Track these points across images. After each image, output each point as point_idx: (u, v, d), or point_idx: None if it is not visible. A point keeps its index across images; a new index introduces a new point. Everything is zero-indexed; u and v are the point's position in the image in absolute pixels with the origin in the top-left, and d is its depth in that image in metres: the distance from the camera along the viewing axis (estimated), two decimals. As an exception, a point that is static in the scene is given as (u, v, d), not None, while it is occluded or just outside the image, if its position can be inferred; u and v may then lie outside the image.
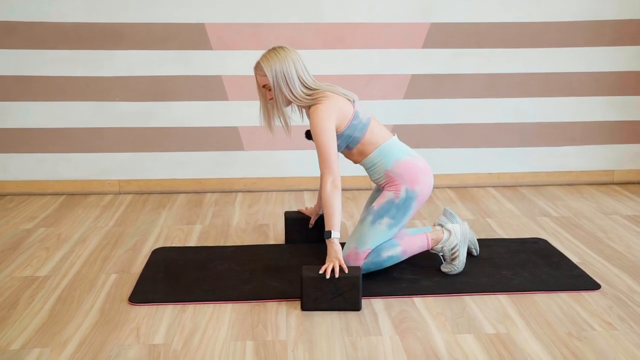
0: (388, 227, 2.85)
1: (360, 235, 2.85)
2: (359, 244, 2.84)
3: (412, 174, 2.85)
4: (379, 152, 2.88)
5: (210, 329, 2.48)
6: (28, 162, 4.27)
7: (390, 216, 2.84)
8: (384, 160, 2.88)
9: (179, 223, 3.72)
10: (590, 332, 2.43)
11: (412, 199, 2.85)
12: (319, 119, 2.76)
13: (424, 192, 2.88)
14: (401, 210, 2.85)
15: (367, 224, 2.85)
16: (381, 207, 2.85)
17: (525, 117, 4.37)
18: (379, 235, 2.84)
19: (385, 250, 2.86)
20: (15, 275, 2.99)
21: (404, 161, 2.87)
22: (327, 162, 2.75)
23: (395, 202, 2.84)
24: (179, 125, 4.27)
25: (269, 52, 2.83)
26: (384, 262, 2.87)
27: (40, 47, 4.12)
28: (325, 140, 2.75)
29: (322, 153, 2.75)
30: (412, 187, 2.84)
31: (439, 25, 4.22)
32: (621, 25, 4.27)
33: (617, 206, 3.97)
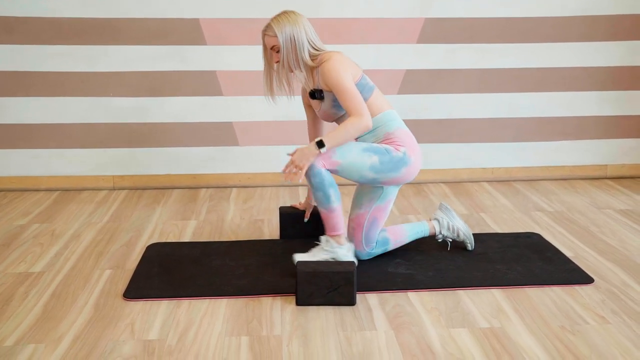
0: (370, 167, 2.81)
1: (346, 149, 2.79)
2: (339, 152, 2.78)
3: (413, 144, 2.90)
4: (384, 116, 2.91)
5: (205, 324, 2.48)
6: (22, 158, 4.25)
7: (381, 160, 2.82)
8: (389, 124, 2.90)
9: (174, 218, 3.72)
10: (583, 325, 2.45)
11: (405, 164, 2.85)
12: (336, 69, 2.78)
13: (415, 167, 2.89)
14: (390, 165, 2.83)
15: (360, 148, 2.81)
16: (378, 147, 2.84)
17: (519, 112, 4.38)
18: (359, 165, 2.80)
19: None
20: (9, 271, 2.98)
21: (406, 131, 2.93)
22: (355, 106, 2.74)
23: (392, 154, 2.83)
24: (173, 120, 4.26)
25: (280, 15, 2.86)
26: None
27: (35, 43, 4.11)
28: (347, 85, 2.76)
29: (347, 98, 2.75)
30: (410, 154, 2.86)
31: (433, 21, 4.22)
32: (615, 20, 4.28)
33: (611, 200, 3.99)
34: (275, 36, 2.82)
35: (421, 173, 4.39)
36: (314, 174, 2.77)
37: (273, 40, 2.83)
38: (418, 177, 4.39)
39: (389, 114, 2.93)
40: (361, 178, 2.85)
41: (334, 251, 2.85)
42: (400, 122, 2.94)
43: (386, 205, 2.97)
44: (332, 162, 2.79)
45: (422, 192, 4.20)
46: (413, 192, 4.21)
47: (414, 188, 4.29)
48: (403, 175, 2.87)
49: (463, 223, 3.13)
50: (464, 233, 3.11)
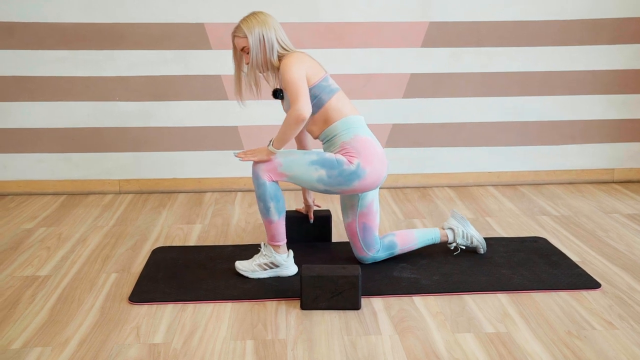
0: (317, 180, 2.78)
1: (293, 161, 2.78)
2: (285, 164, 2.77)
3: (369, 153, 2.80)
4: (343, 123, 2.83)
5: (210, 328, 2.48)
6: (29, 162, 4.27)
7: (328, 174, 2.77)
8: (346, 132, 2.82)
9: (179, 222, 3.73)
10: (590, 331, 2.44)
11: (357, 177, 2.78)
12: (289, 64, 2.75)
13: (372, 178, 2.81)
14: (340, 179, 2.78)
15: (307, 161, 2.78)
16: (328, 159, 2.78)
17: (524, 115, 4.37)
18: (305, 178, 2.78)
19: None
20: (16, 274, 2.99)
21: (364, 138, 2.82)
22: (297, 95, 2.69)
23: (342, 168, 2.77)
24: (178, 124, 4.27)
25: (249, 16, 2.84)
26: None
27: (40, 48, 4.13)
28: (292, 76, 2.71)
29: (292, 89, 2.70)
30: (364, 166, 2.78)
31: (437, 24, 4.22)
32: (620, 23, 4.27)
33: (617, 205, 3.98)
34: (245, 37, 2.80)
35: (426, 177, 4.39)
36: (258, 185, 2.79)
37: (243, 42, 2.82)
38: (423, 181, 4.39)
39: (348, 121, 2.84)
40: (314, 189, 2.85)
41: (272, 256, 2.86)
42: (360, 129, 2.83)
43: (369, 209, 2.95)
44: (279, 174, 2.78)
45: (427, 196, 4.19)
46: (418, 196, 4.20)
47: (419, 192, 4.29)
48: (356, 187, 2.81)
49: (475, 230, 3.14)
50: (477, 239, 3.11)
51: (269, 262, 2.87)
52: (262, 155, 2.77)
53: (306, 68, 2.78)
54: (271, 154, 2.77)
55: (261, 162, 2.78)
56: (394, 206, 3.99)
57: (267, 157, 2.77)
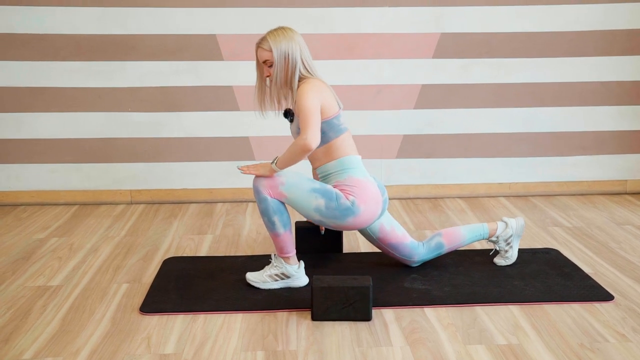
0: (315, 209, 2.77)
1: (296, 184, 2.76)
2: (287, 185, 2.75)
3: (364, 193, 2.79)
4: (340, 163, 2.84)
5: (221, 339, 2.48)
6: (41, 172, 4.30)
7: (327, 205, 2.76)
8: (341, 172, 2.84)
9: (190, 233, 3.74)
10: (603, 343, 2.41)
11: (352, 214, 2.77)
12: (306, 91, 2.73)
13: (365, 216, 2.80)
14: (336, 212, 2.77)
15: (309, 187, 2.76)
16: (329, 190, 2.77)
17: (536, 126, 4.36)
18: (304, 204, 2.76)
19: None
20: (28, 284, 3.00)
21: (358, 179, 2.82)
22: (308, 124, 2.67)
23: (340, 202, 2.76)
24: (190, 135, 4.29)
25: (276, 30, 2.82)
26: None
27: (53, 59, 4.16)
28: (307, 104, 2.70)
29: (305, 116, 2.69)
30: (359, 204, 2.78)
31: (449, 35, 4.22)
32: (632, 34, 4.26)
33: (630, 216, 3.95)
34: (270, 51, 2.79)
35: (437, 188, 4.38)
36: (259, 200, 2.79)
37: (266, 55, 2.80)
38: (434, 191, 4.38)
39: (344, 161, 2.84)
40: (308, 217, 2.83)
41: (283, 267, 2.86)
42: (354, 171, 2.84)
43: (383, 232, 2.97)
44: (279, 193, 2.77)
45: (438, 207, 4.18)
46: (429, 207, 4.19)
47: (430, 203, 4.28)
48: (350, 224, 2.80)
49: (523, 224, 3.10)
50: (512, 253, 3.09)
51: (280, 272, 2.87)
52: (264, 171, 2.77)
53: (322, 99, 2.77)
54: (273, 172, 2.77)
55: (262, 177, 2.78)
56: (405, 217, 3.98)
57: (268, 173, 2.77)
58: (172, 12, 4.14)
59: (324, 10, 4.16)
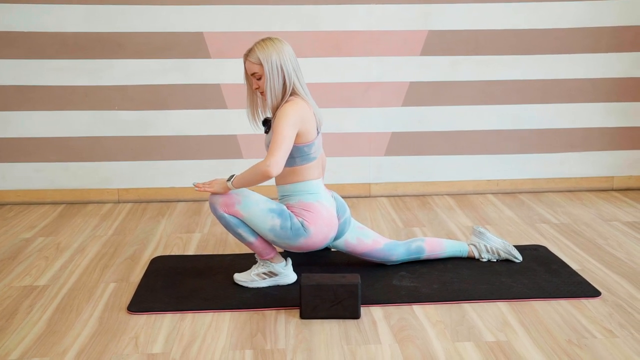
0: (270, 229, 2.74)
1: (253, 203, 2.73)
2: (243, 204, 2.73)
3: (313, 216, 2.77)
4: (295, 187, 2.81)
5: (209, 338, 2.47)
6: (27, 172, 4.27)
7: (282, 225, 2.74)
8: (293, 196, 2.82)
9: (178, 231, 3.72)
10: (590, 339, 2.43)
11: (302, 235, 2.76)
12: (289, 114, 2.68)
13: (317, 238, 2.79)
14: (289, 232, 2.75)
15: (267, 207, 2.74)
16: (285, 211, 2.76)
17: (524, 123, 4.37)
18: (260, 223, 2.74)
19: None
20: (14, 284, 2.98)
21: (308, 203, 2.79)
22: (278, 149, 2.63)
23: (293, 221, 2.75)
24: (178, 133, 4.27)
25: (264, 41, 2.75)
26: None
27: (39, 57, 4.13)
28: (284, 128, 2.65)
29: (277, 140, 2.64)
30: (307, 226, 2.76)
31: (437, 33, 4.23)
32: (619, 31, 4.28)
33: (617, 213, 3.97)
34: (259, 64, 2.72)
35: (426, 185, 4.39)
36: (217, 217, 2.78)
37: (255, 68, 2.74)
38: (422, 189, 4.39)
39: (301, 186, 2.81)
40: (263, 235, 2.80)
41: (270, 265, 2.86)
42: (308, 195, 2.80)
43: (350, 245, 2.97)
44: (235, 211, 2.75)
45: (427, 205, 4.19)
46: (418, 204, 4.20)
47: (419, 200, 4.28)
48: (302, 245, 2.79)
49: (501, 241, 3.14)
50: (503, 252, 3.11)
51: (267, 271, 2.86)
52: (218, 188, 2.74)
53: (301, 124, 2.72)
54: (228, 189, 2.74)
55: (218, 194, 2.76)
56: (393, 214, 3.99)
57: (223, 191, 2.74)
58: (159, 9, 4.11)
59: (311, 8, 4.15)
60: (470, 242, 3.16)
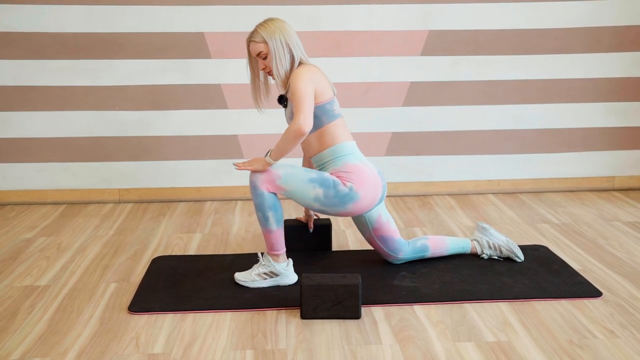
0: (314, 199, 2.77)
1: (293, 176, 2.75)
2: (284, 178, 2.75)
3: (361, 178, 2.79)
4: (334, 150, 2.84)
5: (210, 338, 2.47)
6: (28, 172, 4.27)
7: (325, 194, 2.76)
8: (336, 160, 2.83)
9: (179, 231, 3.72)
10: (591, 339, 2.42)
11: (351, 200, 2.77)
12: (301, 75, 2.73)
13: (365, 201, 2.80)
14: (335, 200, 2.77)
15: (306, 178, 2.76)
16: (326, 179, 2.77)
17: (524, 123, 4.37)
18: (303, 194, 2.76)
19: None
20: (15, 284, 2.98)
21: (354, 164, 2.82)
22: (301, 108, 2.66)
23: (338, 188, 2.76)
24: (178, 133, 4.27)
25: (265, 22, 2.82)
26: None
27: (40, 57, 4.13)
28: (300, 88, 2.69)
29: (298, 100, 2.68)
30: (357, 189, 2.77)
31: (437, 33, 4.23)
32: (619, 31, 4.28)
33: (618, 212, 3.97)
34: (263, 42, 2.78)
35: (426, 185, 4.39)
36: (255, 194, 2.78)
37: (260, 47, 2.79)
38: (423, 189, 4.39)
39: (340, 148, 2.84)
40: (309, 207, 2.83)
41: (272, 265, 2.86)
42: (349, 157, 2.83)
43: (379, 223, 2.98)
44: (276, 187, 2.77)
45: (427, 205, 4.19)
46: (418, 204, 4.20)
47: (419, 200, 4.28)
48: (351, 210, 2.80)
49: (504, 238, 3.14)
50: (506, 249, 3.12)
51: (269, 271, 2.86)
52: (258, 166, 2.76)
53: (316, 84, 2.77)
54: (267, 165, 2.76)
55: (258, 172, 2.78)
56: (394, 214, 3.98)
57: (263, 167, 2.76)
58: (159, 10, 4.12)
59: (312, 8, 4.15)
60: (473, 238, 3.18)
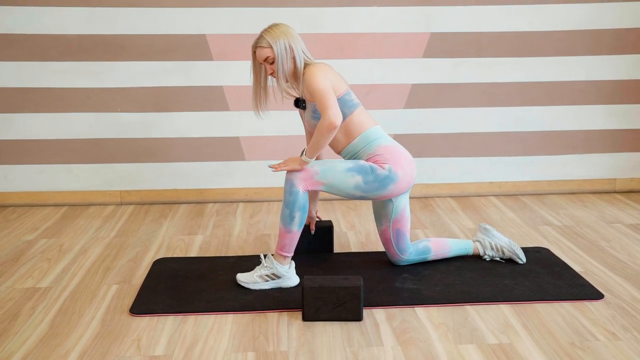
0: (354, 187, 2.81)
1: (330, 169, 2.81)
2: (322, 173, 2.80)
3: (396, 158, 2.86)
4: (364, 137, 2.88)
5: (212, 340, 2.47)
6: (30, 173, 4.27)
7: (365, 180, 2.81)
8: (368, 146, 2.88)
9: (181, 233, 3.72)
10: (593, 342, 2.42)
11: (392, 181, 2.83)
12: (316, 73, 2.77)
13: (405, 180, 2.86)
14: (376, 184, 2.82)
15: (343, 168, 2.81)
16: (363, 166, 2.82)
17: (526, 125, 4.37)
18: (343, 185, 2.81)
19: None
20: (16, 286, 2.98)
21: (386, 146, 2.88)
22: (327, 103, 2.71)
23: (376, 173, 2.81)
24: (180, 135, 4.27)
25: (270, 27, 2.85)
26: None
27: (42, 59, 4.14)
28: (320, 85, 2.73)
29: (321, 98, 2.72)
30: (396, 170, 2.83)
31: (439, 35, 4.23)
32: (621, 34, 4.28)
33: (620, 215, 3.96)
34: (269, 47, 2.81)
35: (428, 187, 4.39)
36: (290, 192, 2.80)
37: (266, 52, 2.82)
38: (425, 191, 4.38)
39: (369, 134, 2.89)
40: (349, 196, 2.87)
41: (274, 267, 2.86)
42: (382, 139, 2.90)
43: (402, 215, 2.99)
44: (315, 182, 2.80)
45: (429, 207, 4.19)
46: (420, 206, 4.20)
47: (421, 203, 4.28)
48: (392, 191, 2.86)
49: (507, 240, 3.15)
50: (508, 250, 3.12)
51: (271, 273, 2.86)
52: (294, 165, 2.80)
53: (331, 79, 2.81)
54: (304, 164, 2.79)
55: (294, 171, 2.80)
56: (395, 217, 3.98)
57: (300, 166, 2.79)
58: (161, 12, 4.12)
59: (313, 10, 4.16)
60: (475, 239, 3.18)
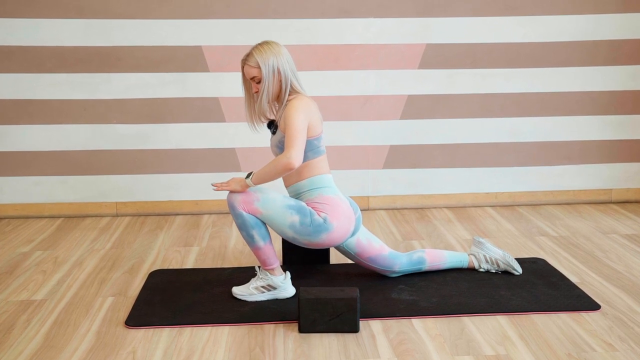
0: (289, 226, 2.76)
1: (271, 200, 2.76)
2: (262, 201, 2.75)
3: (335, 210, 2.80)
4: (312, 181, 2.85)
5: (207, 352, 2.46)
6: (25, 185, 4.26)
7: (301, 221, 2.76)
8: (312, 191, 2.84)
9: (176, 245, 3.71)
10: (590, 353, 2.41)
11: (325, 230, 2.77)
12: (298, 109, 2.73)
13: (339, 232, 2.80)
14: (310, 229, 2.77)
15: (285, 204, 2.76)
16: (303, 207, 2.77)
17: (522, 136, 4.38)
18: (279, 220, 2.75)
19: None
20: (11, 299, 2.97)
21: (329, 197, 2.83)
22: (295, 142, 2.67)
23: (313, 217, 2.76)
24: (176, 147, 4.27)
25: (262, 45, 2.80)
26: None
27: (37, 71, 4.14)
28: (298, 124, 2.70)
29: (292, 134, 2.68)
30: (331, 220, 2.78)
31: (434, 46, 4.24)
32: (616, 45, 4.30)
33: (616, 225, 3.97)
34: (257, 67, 2.77)
35: (424, 198, 4.39)
36: (235, 215, 2.78)
37: (254, 72, 2.78)
38: (421, 201, 4.38)
39: (318, 180, 2.85)
40: (282, 234, 2.82)
41: (269, 279, 2.85)
42: (327, 189, 2.85)
43: (360, 247, 2.98)
44: (253, 209, 2.76)
45: (425, 217, 4.18)
46: (416, 217, 4.20)
47: (417, 213, 4.28)
48: (324, 240, 2.80)
49: (501, 252, 3.14)
50: (503, 262, 3.12)
51: (266, 284, 2.86)
52: (236, 186, 2.77)
53: (310, 118, 2.78)
54: (246, 187, 2.76)
55: (236, 192, 2.77)
56: (392, 227, 3.98)
57: (241, 188, 2.76)
58: (157, 23, 4.13)
59: (309, 22, 4.17)
60: (470, 252, 3.18)
